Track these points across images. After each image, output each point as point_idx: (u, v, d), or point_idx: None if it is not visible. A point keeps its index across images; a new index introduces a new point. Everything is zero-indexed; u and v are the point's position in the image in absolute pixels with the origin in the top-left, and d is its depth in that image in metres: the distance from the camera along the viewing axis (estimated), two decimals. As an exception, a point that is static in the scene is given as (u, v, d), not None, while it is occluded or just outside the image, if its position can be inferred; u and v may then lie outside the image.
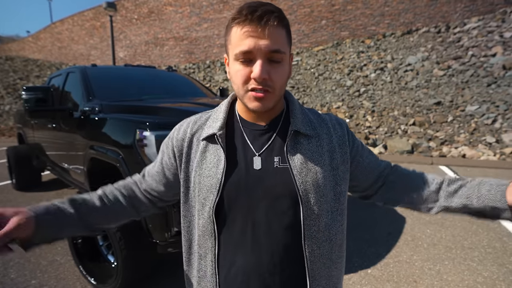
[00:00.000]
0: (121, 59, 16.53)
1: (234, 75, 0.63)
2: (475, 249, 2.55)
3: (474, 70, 8.39)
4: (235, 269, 0.67)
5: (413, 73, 9.18)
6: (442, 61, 9.26)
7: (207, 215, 0.67)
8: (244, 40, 0.59)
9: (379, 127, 7.35)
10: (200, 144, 0.71)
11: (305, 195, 0.65)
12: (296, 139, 0.69)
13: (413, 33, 11.18)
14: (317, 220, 0.66)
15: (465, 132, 6.39)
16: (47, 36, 20.71)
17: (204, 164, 0.69)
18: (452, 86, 8.17)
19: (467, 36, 10.01)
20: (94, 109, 2.41)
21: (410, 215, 3.26)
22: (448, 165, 5.34)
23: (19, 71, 19.30)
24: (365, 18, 11.72)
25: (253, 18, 0.58)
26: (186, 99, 2.71)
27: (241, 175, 0.67)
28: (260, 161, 0.67)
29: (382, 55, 10.53)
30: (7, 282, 2.18)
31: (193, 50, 14.54)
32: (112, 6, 10.54)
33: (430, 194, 0.74)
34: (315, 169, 0.67)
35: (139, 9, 15.63)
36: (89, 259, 2.14)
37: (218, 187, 0.66)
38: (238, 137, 0.70)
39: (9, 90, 17.00)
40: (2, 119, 14.48)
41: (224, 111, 0.72)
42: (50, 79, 3.78)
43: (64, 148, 2.90)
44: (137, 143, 1.85)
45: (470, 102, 7.28)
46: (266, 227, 0.66)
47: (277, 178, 0.66)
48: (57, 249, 2.67)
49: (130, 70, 3.26)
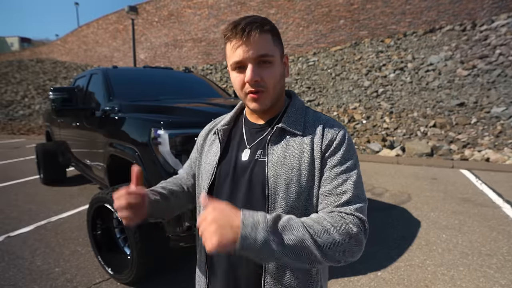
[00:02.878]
0: (142, 60, 17.09)
1: (233, 82, 0.73)
2: (494, 256, 2.45)
3: (502, 70, 7.98)
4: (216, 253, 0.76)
5: (435, 73, 8.86)
6: (466, 60, 8.87)
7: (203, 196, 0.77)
8: (234, 52, 0.68)
9: (397, 128, 7.15)
10: (211, 138, 0.85)
11: (273, 187, 0.67)
12: (281, 136, 0.72)
13: (436, 31, 10.78)
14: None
15: (489, 135, 6.10)
16: (74, 39, 21.75)
17: (209, 153, 0.82)
18: (477, 86, 7.81)
19: (494, 34, 9.52)
20: (114, 109, 2.54)
21: (426, 220, 3.17)
22: (470, 169, 5.12)
23: (48, 72, 20.41)
24: (385, 17, 11.43)
25: (237, 31, 0.66)
26: (201, 100, 2.78)
27: (230, 164, 0.76)
28: (249, 153, 0.75)
29: (402, 54, 10.23)
30: (34, 268, 2.35)
31: (211, 51, 14.78)
32: (134, 9, 10.94)
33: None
34: (292, 165, 0.68)
35: (159, 12, 16.09)
36: (107, 251, 2.25)
37: (212, 172, 0.77)
38: (238, 133, 0.81)
39: (39, 90, 18.02)
40: (33, 118, 15.37)
41: (234, 111, 0.85)
42: (75, 80, 3.99)
43: (86, 146, 3.06)
44: (152, 141, 1.92)
45: (496, 104, 6.93)
46: None
47: (255, 170, 0.72)
48: (79, 240, 2.83)
49: (149, 71, 3.39)
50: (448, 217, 3.21)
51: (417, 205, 3.60)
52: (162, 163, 1.89)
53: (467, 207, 3.49)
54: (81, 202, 3.93)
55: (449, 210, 3.40)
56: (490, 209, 3.40)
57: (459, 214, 3.29)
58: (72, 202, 3.94)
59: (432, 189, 4.17)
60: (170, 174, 1.85)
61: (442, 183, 4.44)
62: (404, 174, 5.01)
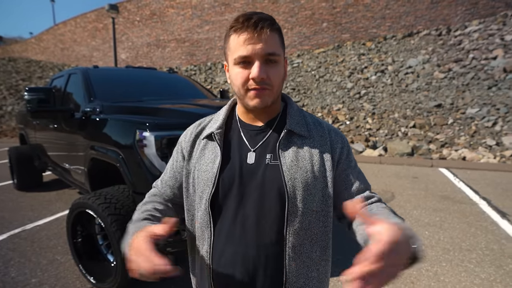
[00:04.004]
0: (123, 60, 16.62)
1: (234, 78, 0.68)
2: (473, 251, 2.55)
3: (475, 73, 8.39)
4: (224, 260, 0.70)
5: (413, 76, 9.19)
6: (443, 63, 9.27)
7: (203, 207, 0.72)
8: (242, 46, 0.65)
9: (380, 129, 7.35)
10: (200, 143, 0.77)
11: (292, 191, 0.68)
12: (289, 138, 0.72)
13: (414, 35, 11.20)
14: (301, 217, 0.68)
15: (465, 135, 6.39)
16: (50, 38, 20.84)
17: (202, 160, 0.75)
18: (453, 88, 8.17)
19: (468, 39, 10.02)
20: (95, 110, 2.44)
21: (409, 217, 3.26)
22: (448, 168, 5.34)
23: (22, 72, 19.41)
24: (366, 21, 11.76)
25: (250, 24, 0.64)
26: (186, 101, 2.73)
27: (235, 169, 0.71)
28: (254, 156, 0.72)
29: (383, 57, 10.55)
30: (8, 280, 2.20)
31: (195, 52, 14.61)
32: (115, 8, 10.61)
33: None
34: (306, 168, 0.70)
35: (141, 11, 15.73)
36: (89, 258, 2.16)
37: (213, 180, 0.71)
38: (235, 136, 0.76)
39: (12, 91, 17.11)
40: (5, 120, 14.57)
41: (224, 113, 0.79)
42: (52, 80, 3.82)
43: (65, 149, 2.93)
44: (137, 144, 1.87)
45: (471, 105, 7.28)
46: (254, 221, 0.69)
47: (267, 174, 0.70)
48: (57, 248, 2.69)
49: (131, 71, 3.29)
50: (430, 215, 3.32)
51: (400, 203, 3.70)
52: (148, 166, 1.84)
53: (447, 204, 3.63)
54: (59, 208, 3.75)
55: (431, 208, 3.51)
56: (468, 206, 3.55)
57: (439, 211, 3.41)
58: (50, 208, 3.74)
59: (414, 187, 4.31)
60: (156, 176, 1.81)
61: (423, 181, 4.59)
62: (387, 173, 5.14)
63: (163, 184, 0.85)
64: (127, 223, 1.92)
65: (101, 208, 1.85)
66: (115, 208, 1.87)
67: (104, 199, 1.91)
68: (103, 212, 1.84)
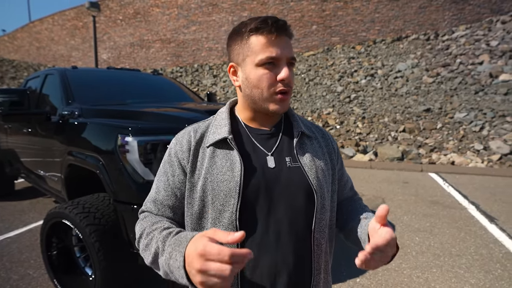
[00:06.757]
0: (104, 61, 16.13)
1: (258, 79, 0.67)
2: (463, 256, 2.55)
3: (462, 78, 8.56)
4: (259, 270, 0.66)
5: (403, 80, 9.30)
6: (431, 68, 9.42)
7: (227, 221, 0.65)
8: (270, 47, 0.65)
9: (370, 133, 7.38)
10: (206, 151, 0.70)
11: (319, 191, 0.70)
12: (301, 140, 0.76)
13: (403, 40, 11.37)
14: (325, 214, 0.72)
15: (454, 139, 6.47)
16: (25, 36, 19.94)
17: (214, 169, 0.68)
18: (441, 93, 8.30)
19: (455, 44, 10.23)
20: (73, 113, 2.31)
21: (400, 223, 3.23)
22: (437, 172, 5.38)
23: (-5, 72, 18.63)
24: (355, 24, 11.88)
25: (278, 26, 0.65)
26: (172, 104, 2.63)
27: (259, 175, 0.68)
28: (273, 160, 0.71)
29: (372, 61, 10.66)
30: (-26, 298, 2.04)
31: (181, 53, 14.37)
32: (96, 6, 10.22)
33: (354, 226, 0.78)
34: (321, 167, 0.74)
35: (124, 10, 15.33)
36: (65, 272, 2.02)
37: (238, 190, 0.65)
38: (246, 141, 0.73)
39: (-9, 91, 16.40)
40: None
41: (226, 117, 0.74)
42: (27, 81, 3.61)
43: (40, 154, 2.76)
44: (119, 149, 1.77)
45: (459, 109, 7.40)
46: (287, 225, 0.68)
47: (292, 176, 0.70)
48: (30, 262, 2.51)
49: (113, 73, 3.15)
50: (420, 220, 3.30)
51: (391, 209, 3.67)
52: (131, 172, 1.74)
53: (437, 209, 3.62)
54: (32, 218, 3.51)
55: (421, 213, 3.50)
56: (457, 211, 3.56)
57: (429, 216, 3.40)
58: (22, 218, 3.50)
59: (404, 192, 4.30)
60: (139, 184, 1.72)
61: (413, 186, 4.60)
62: (377, 178, 5.13)
63: (159, 205, 0.72)
64: (107, 233, 1.83)
65: (79, 218, 1.75)
66: (95, 218, 1.77)
67: (83, 208, 1.81)
68: (81, 222, 1.73)
